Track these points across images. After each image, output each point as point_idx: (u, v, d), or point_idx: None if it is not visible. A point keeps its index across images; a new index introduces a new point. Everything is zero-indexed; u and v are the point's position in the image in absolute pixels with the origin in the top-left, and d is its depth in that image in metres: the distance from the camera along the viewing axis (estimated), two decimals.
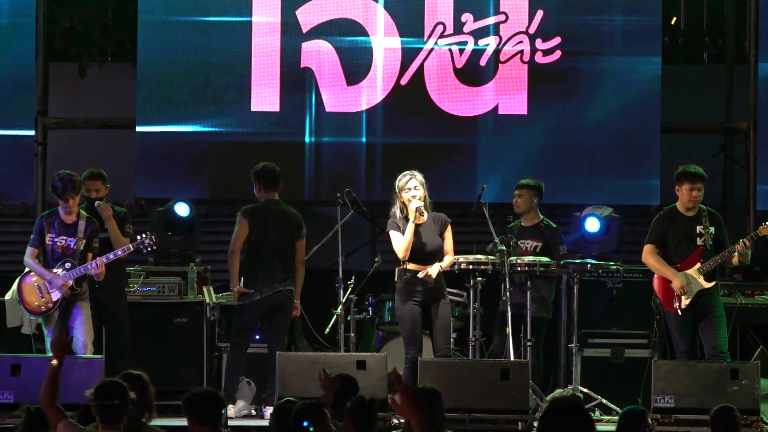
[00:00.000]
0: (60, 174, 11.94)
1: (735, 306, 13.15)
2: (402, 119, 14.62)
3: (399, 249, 11.59)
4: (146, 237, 11.86)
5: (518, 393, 11.22)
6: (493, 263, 12.00)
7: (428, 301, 11.59)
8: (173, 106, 14.63)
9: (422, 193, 11.59)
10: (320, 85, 14.60)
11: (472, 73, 14.60)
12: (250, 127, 14.61)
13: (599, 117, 14.63)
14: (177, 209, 13.66)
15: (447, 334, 11.72)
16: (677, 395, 11.32)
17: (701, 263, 11.73)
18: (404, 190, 11.59)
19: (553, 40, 14.56)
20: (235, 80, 14.60)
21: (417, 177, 11.62)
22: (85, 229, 11.77)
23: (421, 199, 11.56)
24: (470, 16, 14.58)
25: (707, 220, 11.86)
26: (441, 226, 11.70)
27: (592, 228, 13.63)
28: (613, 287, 12.79)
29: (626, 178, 14.64)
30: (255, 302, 11.87)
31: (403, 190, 11.60)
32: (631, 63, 14.66)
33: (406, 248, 11.54)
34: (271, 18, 14.55)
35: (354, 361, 11.30)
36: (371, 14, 14.58)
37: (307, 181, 14.39)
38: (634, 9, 14.62)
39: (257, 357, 12.08)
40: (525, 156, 14.57)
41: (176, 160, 14.67)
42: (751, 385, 11.37)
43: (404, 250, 11.55)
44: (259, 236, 11.90)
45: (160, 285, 13.01)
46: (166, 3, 14.62)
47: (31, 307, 11.81)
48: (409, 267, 11.59)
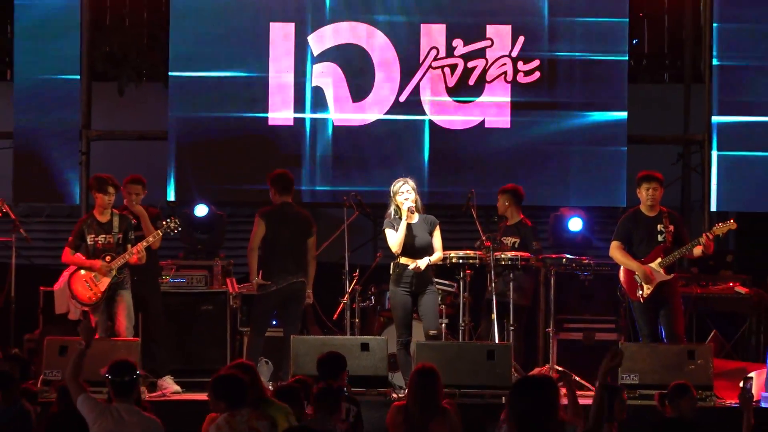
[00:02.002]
0: (98, 174, 12.00)
1: (691, 295, 13.19)
2: (400, 131, 14.60)
3: (393, 244, 11.61)
4: (170, 221, 11.88)
5: (502, 371, 11.19)
6: (479, 258, 12.04)
7: (417, 290, 11.59)
8: (201, 122, 14.61)
9: (414, 197, 11.62)
10: (329, 102, 14.58)
11: (462, 91, 14.59)
12: (267, 138, 14.58)
13: (573, 130, 14.59)
14: (196, 211, 13.66)
15: (435, 315, 11.68)
16: (641, 373, 11.30)
17: (662, 258, 11.73)
18: (398, 194, 11.62)
19: (533, 62, 14.55)
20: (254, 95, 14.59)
21: (409, 183, 11.65)
22: (120, 225, 11.79)
23: (413, 202, 11.64)
24: (460, 41, 14.58)
25: (667, 220, 11.85)
26: (430, 226, 11.72)
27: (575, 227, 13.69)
28: (584, 279, 12.81)
29: (596, 183, 14.62)
30: (272, 292, 11.86)
31: (397, 194, 11.62)
32: (601, 83, 14.60)
33: (399, 244, 11.56)
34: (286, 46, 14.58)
35: (358, 344, 11.29)
36: (373, 40, 14.58)
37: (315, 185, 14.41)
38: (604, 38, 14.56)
39: (273, 340, 12.06)
40: (508, 164, 14.52)
41: (203, 168, 14.64)
42: (706, 365, 11.38)
43: (397, 245, 11.57)
44: (275, 235, 11.89)
45: (188, 277, 13.00)
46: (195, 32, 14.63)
47: (82, 298, 11.81)
48: (401, 261, 11.62)
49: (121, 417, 7.90)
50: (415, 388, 8.92)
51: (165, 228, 11.84)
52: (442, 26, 14.61)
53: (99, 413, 7.91)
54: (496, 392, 11.12)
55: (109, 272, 11.63)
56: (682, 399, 9.23)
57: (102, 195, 11.75)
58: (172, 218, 11.96)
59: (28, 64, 14.55)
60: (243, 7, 14.58)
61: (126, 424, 7.88)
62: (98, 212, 11.83)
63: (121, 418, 7.90)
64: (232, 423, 7.83)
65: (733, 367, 12.69)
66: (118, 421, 7.88)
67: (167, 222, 11.87)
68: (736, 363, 13.05)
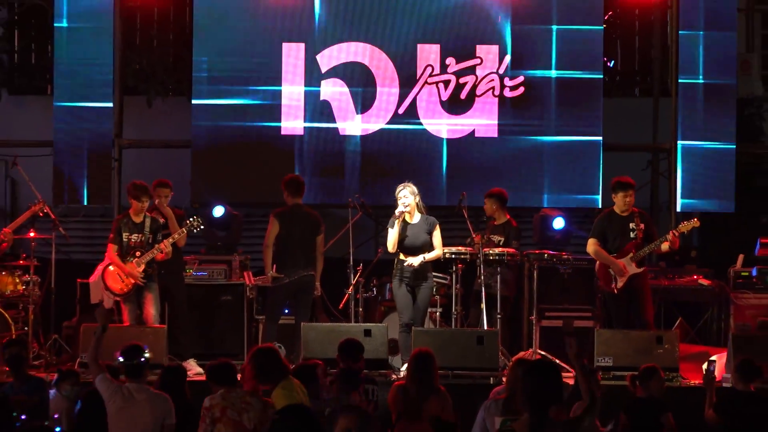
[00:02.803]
0: (135, 182, 12.04)
1: (660, 287, 13.21)
2: (399, 140, 14.62)
3: (388, 243, 11.73)
4: (193, 220, 11.93)
5: (490, 355, 11.28)
6: (470, 253, 12.09)
7: (414, 283, 11.67)
8: (220, 131, 14.56)
9: (412, 200, 11.66)
10: (335, 114, 14.57)
11: (454, 104, 14.57)
12: (280, 147, 14.57)
13: (554, 139, 14.57)
14: (214, 211, 13.65)
15: (424, 312, 11.79)
16: (615, 356, 11.36)
17: (633, 253, 11.77)
18: (398, 198, 11.70)
19: (518, 79, 14.54)
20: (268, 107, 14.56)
21: (409, 188, 11.70)
22: (150, 226, 11.85)
23: (409, 206, 11.65)
24: (453, 60, 14.56)
25: (638, 219, 11.89)
26: (430, 226, 11.76)
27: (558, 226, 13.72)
28: (564, 272, 12.83)
29: (575, 186, 14.55)
30: (284, 284, 11.89)
31: (397, 198, 11.71)
32: (579, 98, 14.56)
33: (392, 243, 11.66)
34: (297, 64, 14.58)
35: (362, 330, 11.33)
36: (375, 58, 14.57)
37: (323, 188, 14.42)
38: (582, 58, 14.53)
39: (286, 327, 12.06)
40: (496, 170, 14.47)
41: (222, 172, 14.59)
42: (672, 349, 11.42)
43: (391, 244, 11.68)
44: (287, 233, 11.91)
45: (210, 270, 13.01)
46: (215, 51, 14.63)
47: (114, 289, 11.85)
48: (401, 257, 11.71)
49: (131, 395, 7.98)
50: (413, 369, 8.97)
51: (189, 226, 11.89)
52: (437, 46, 14.57)
53: (112, 392, 7.98)
54: (485, 373, 11.19)
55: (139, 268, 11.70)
56: (651, 380, 9.28)
57: (136, 202, 11.82)
58: (195, 217, 12.01)
59: (66, 80, 14.49)
60: (258, 29, 14.54)
61: (135, 401, 7.95)
62: (133, 214, 11.89)
63: (131, 395, 7.97)
64: (227, 396, 7.97)
65: (697, 351, 12.73)
66: (128, 399, 7.95)
67: (191, 221, 11.93)
68: (699, 347, 13.09)
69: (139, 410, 7.92)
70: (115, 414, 7.90)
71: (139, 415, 7.91)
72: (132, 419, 7.89)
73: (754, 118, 17.05)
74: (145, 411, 7.93)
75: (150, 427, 7.92)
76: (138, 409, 7.92)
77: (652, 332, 11.57)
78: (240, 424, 7.90)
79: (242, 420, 7.92)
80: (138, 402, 7.95)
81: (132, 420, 7.89)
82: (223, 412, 7.91)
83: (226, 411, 7.92)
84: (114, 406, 7.92)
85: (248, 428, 7.90)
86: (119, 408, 7.91)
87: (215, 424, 7.89)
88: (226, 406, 7.94)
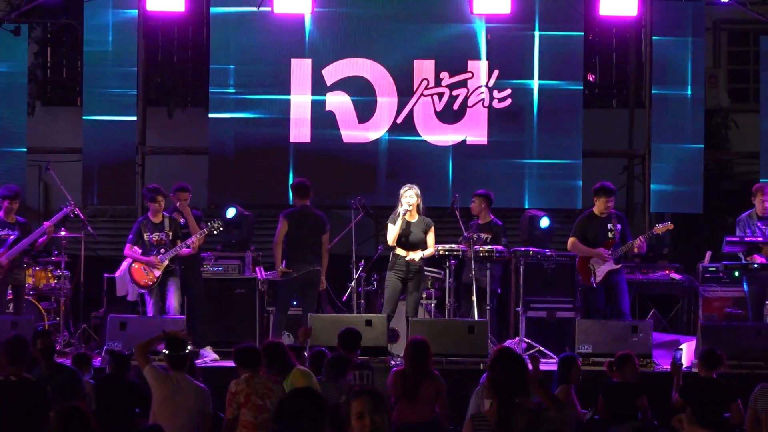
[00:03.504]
0: (148, 186, 12.06)
1: (635, 281, 13.22)
2: (397, 147, 14.62)
3: (388, 237, 11.78)
4: (214, 221, 11.97)
5: (480, 343, 11.27)
6: (462, 250, 12.09)
7: (407, 277, 11.71)
8: (235, 139, 14.57)
9: (415, 201, 11.72)
10: (339, 124, 14.57)
11: (447, 114, 14.56)
12: (289, 154, 14.59)
13: (538, 145, 14.56)
14: (226, 213, 13.62)
15: (417, 301, 11.83)
16: (593, 344, 11.36)
17: (612, 252, 11.81)
18: (402, 197, 11.74)
19: (506, 91, 14.55)
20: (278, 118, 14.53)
21: (413, 189, 11.77)
22: (169, 225, 11.87)
23: (412, 205, 11.67)
24: (446, 74, 14.56)
25: (615, 220, 11.92)
26: (426, 226, 11.80)
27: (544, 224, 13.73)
28: (547, 268, 12.83)
29: (558, 189, 14.55)
30: (293, 278, 11.90)
31: (402, 197, 11.75)
32: (561, 109, 14.55)
33: (392, 237, 11.71)
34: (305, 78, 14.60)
35: (363, 320, 11.33)
36: (376, 72, 14.58)
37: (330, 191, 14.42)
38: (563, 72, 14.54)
39: (294, 317, 12.06)
40: (485, 174, 14.47)
41: (237, 176, 14.60)
42: (646, 337, 11.43)
43: (391, 238, 11.73)
44: (295, 232, 11.92)
45: (225, 266, 13.02)
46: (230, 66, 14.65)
47: (140, 283, 11.88)
48: (398, 251, 11.73)
49: (178, 383, 7.97)
50: (410, 356, 8.98)
51: (210, 228, 11.91)
52: (432, 61, 14.56)
53: (161, 380, 7.96)
54: (476, 360, 11.18)
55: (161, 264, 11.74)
56: (626, 366, 9.30)
57: (152, 203, 11.84)
58: (216, 220, 12.03)
59: (95, 92, 14.49)
60: (269, 46, 14.53)
61: (181, 389, 7.95)
62: (152, 215, 11.90)
63: (178, 383, 7.96)
64: (251, 383, 7.96)
65: (668, 339, 12.74)
66: (175, 387, 7.94)
67: (212, 223, 11.94)
68: (670, 336, 13.10)
69: (184, 398, 7.92)
70: (163, 401, 7.89)
71: (184, 402, 7.91)
72: (177, 406, 7.89)
73: (720, 127, 17.08)
74: (189, 399, 7.93)
75: (193, 414, 7.93)
76: (183, 398, 7.91)
77: (627, 322, 11.58)
78: (264, 408, 7.87)
79: (266, 404, 7.89)
80: (183, 391, 7.95)
81: (177, 407, 7.88)
82: (247, 398, 7.88)
83: (250, 397, 7.88)
84: (161, 394, 7.91)
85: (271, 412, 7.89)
86: (166, 396, 7.89)
87: (240, 408, 7.88)
88: (250, 392, 7.89)
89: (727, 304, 12.89)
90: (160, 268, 11.72)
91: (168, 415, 7.86)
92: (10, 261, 11.94)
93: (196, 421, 7.96)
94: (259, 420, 7.80)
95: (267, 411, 7.83)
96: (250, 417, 7.81)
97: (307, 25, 14.45)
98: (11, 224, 12.10)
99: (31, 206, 16.04)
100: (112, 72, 14.42)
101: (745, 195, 12.93)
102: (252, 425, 7.79)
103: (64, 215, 12.39)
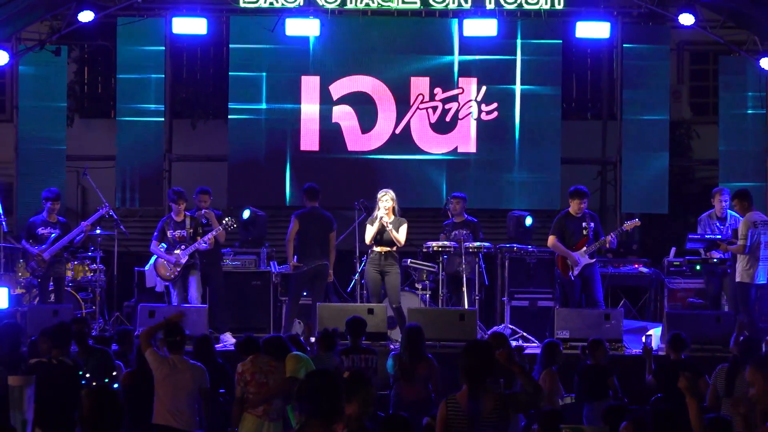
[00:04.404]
0: (173, 188, 12.06)
1: (608, 274, 13.22)
2: (396, 154, 14.57)
3: (366, 236, 11.77)
4: (229, 219, 11.96)
5: (470, 329, 11.26)
6: (453, 247, 12.09)
7: (383, 270, 11.69)
8: (252, 147, 14.61)
9: (390, 204, 11.70)
10: (344, 134, 14.57)
11: (440, 126, 14.56)
12: (299, 161, 14.58)
13: (521, 153, 14.57)
14: (242, 213, 13.57)
15: (396, 291, 11.75)
16: (570, 330, 11.35)
17: (586, 247, 11.80)
18: (380, 201, 11.74)
19: (492, 104, 14.56)
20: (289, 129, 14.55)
21: (389, 194, 11.76)
22: (190, 224, 11.86)
23: (389, 209, 11.67)
24: (440, 89, 14.56)
25: (589, 219, 11.92)
26: (399, 224, 11.74)
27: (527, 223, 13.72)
28: (529, 262, 12.83)
29: (538, 191, 14.56)
30: (303, 272, 11.88)
31: (379, 201, 11.75)
32: (542, 120, 14.56)
33: (370, 237, 11.70)
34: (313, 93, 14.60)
35: (366, 309, 11.33)
36: (377, 88, 14.58)
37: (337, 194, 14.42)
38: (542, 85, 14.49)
39: (305, 306, 12.06)
40: (474, 178, 14.48)
41: (253, 181, 14.60)
42: (618, 324, 11.42)
43: (368, 238, 11.72)
44: (306, 230, 11.91)
45: (242, 260, 12.98)
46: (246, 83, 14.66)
47: (163, 277, 11.89)
48: (375, 249, 11.72)
49: (175, 365, 7.97)
50: (407, 341, 8.99)
51: (225, 225, 11.91)
52: (427, 78, 14.57)
53: (159, 363, 7.97)
54: None
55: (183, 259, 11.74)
56: (598, 350, 9.30)
57: (174, 204, 11.85)
58: (230, 218, 12.04)
59: (127, 106, 14.52)
60: (282, 65, 14.53)
61: (179, 370, 7.96)
62: (174, 215, 11.90)
63: (175, 365, 7.97)
64: (255, 362, 8.02)
65: (638, 326, 12.74)
66: (173, 368, 7.95)
67: (227, 221, 11.94)
68: (639, 323, 13.10)
69: (182, 377, 7.93)
70: (163, 380, 7.92)
71: (182, 380, 7.93)
72: (176, 384, 7.91)
73: (683, 138, 17.10)
74: (186, 377, 7.94)
75: (190, 391, 7.95)
76: (180, 377, 7.93)
77: (601, 311, 11.57)
78: (266, 384, 7.95)
79: (268, 381, 7.96)
80: (180, 370, 7.96)
81: (176, 385, 7.91)
82: (252, 376, 7.98)
83: (255, 375, 7.98)
84: (161, 374, 7.93)
85: (273, 388, 7.93)
86: (166, 375, 7.91)
87: (247, 386, 7.93)
88: (254, 371, 7.99)
89: (689, 295, 12.88)
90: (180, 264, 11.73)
91: (168, 391, 7.90)
92: (51, 256, 11.99)
93: (195, 396, 7.97)
94: (262, 395, 7.88)
95: (268, 389, 7.89)
96: (253, 392, 7.90)
97: (315, 47, 14.43)
98: (53, 223, 12.14)
99: (70, 207, 16.03)
100: (142, 88, 14.43)
101: (705, 197, 12.96)
102: (255, 400, 7.89)
103: (100, 216, 12.41)
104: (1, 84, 17.00)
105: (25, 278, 12.28)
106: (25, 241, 12.13)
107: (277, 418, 8.01)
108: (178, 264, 11.71)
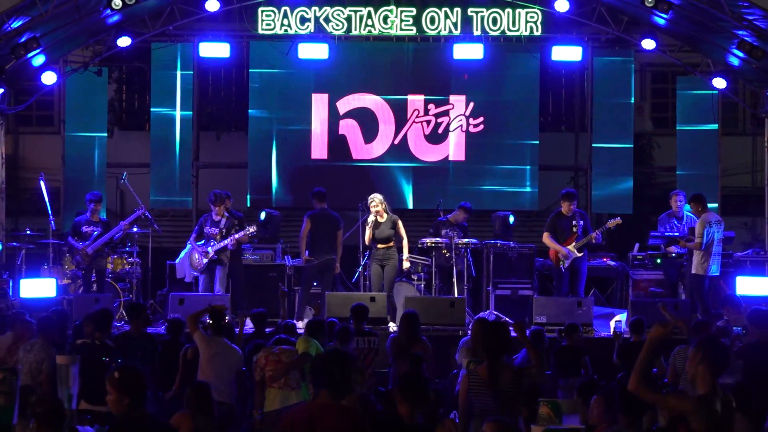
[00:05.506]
0: (215, 192, 12.05)
1: None
2: (395, 162, 14.53)
3: (365, 237, 11.77)
4: (249, 227, 11.94)
5: (459, 315, 11.26)
6: (444, 243, 12.07)
7: (383, 264, 11.73)
8: (268, 156, 14.61)
9: (380, 208, 11.72)
10: (349, 144, 14.55)
11: (434, 137, 14.53)
12: (310, 168, 14.54)
13: (504, 162, 14.55)
14: (259, 215, 13.55)
15: (390, 282, 11.79)
16: (548, 315, 11.34)
17: (575, 242, 11.79)
18: (370, 206, 11.77)
19: (480, 118, 14.55)
20: (301, 140, 14.55)
21: (376, 198, 11.80)
22: (225, 224, 11.84)
23: (379, 211, 11.69)
24: (433, 105, 14.54)
25: (578, 218, 11.92)
26: (393, 223, 11.79)
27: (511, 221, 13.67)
28: (511, 256, 12.81)
29: (518, 195, 14.52)
30: (314, 265, 11.89)
31: (369, 206, 11.79)
32: (522, 132, 14.53)
33: (368, 237, 11.75)
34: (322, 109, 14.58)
35: (369, 297, 11.31)
36: (378, 105, 14.58)
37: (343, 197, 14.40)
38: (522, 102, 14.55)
39: (315, 295, 12.03)
40: (464, 182, 14.46)
41: (270, 186, 14.55)
42: (588, 311, 11.41)
43: (367, 238, 11.76)
44: (316, 229, 11.91)
45: (260, 255, 12.97)
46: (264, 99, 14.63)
47: (193, 268, 11.89)
48: (378, 246, 11.74)
49: (220, 344, 7.98)
50: (403, 325, 8.98)
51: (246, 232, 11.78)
52: (422, 96, 14.56)
53: (207, 343, 7.98)
54: (455, 328, 11.16)
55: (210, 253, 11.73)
56: (573, 333, 9.30)
57: (212, 205, 11.83)
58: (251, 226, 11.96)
59: (159, 120, 14.52)
60: (295, 84, 14.51)
61: (223, 350, 7.96)
62: (214, 214, 11.89)
63: (220, 345, 7.97)
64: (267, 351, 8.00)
65: (606, 312, 12.73)
66: (218, 347, 7.95)
67: (246, 227, 11.86)
68: (607, 309, 13.09)
69: (225, 357, 7.96)
70: (210, 358, 7.91)
71: (225, 360, 7.95)
72: (220, 363, 7.92)
73: (646, 147, 17.16)
74: (229, 358, 7.96)
75: (232, 370, 7.97)
76: (225, 357, 7.95)
77: (573, 298, 11.55)
78: (281, 362, 7.88)
79: (282, 359, 7.89)
80: (225, 351, 7.98)
81: (220, 364, 7.92)
82: (267, 359, 7.90)
83: (269, 358, 7.91)
84: (209, 353, 7.93)
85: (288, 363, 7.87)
86: (213, 354, 7.92)
87: (264, 369, 7.86)
88: (267, 355, 7.91)
89: (651, 285, 12.87)
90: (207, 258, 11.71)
91: (215, 369, 7.89)
92: (94, 251, 12.00)
93: (234, 376, 7.98)
94: (279, 369, 7.83)
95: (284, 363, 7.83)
96: (271, 369, 7.84)
97: (324, 68, 14.39)
98: (96, 222, 12.16)
99: (110, 208, 16.03)
100: (173, 103, 14.41)
101: (664, 199, 12.96)
102: (275, 375, 7.85)
103: (137, 216, 12.41)
104: (51, 101, 17.04)
105: (70, 270, 12.28)
106: (71, 237, 12.15)
107: (297, 386, 7.96)
108: (206, 255, 11.69)
